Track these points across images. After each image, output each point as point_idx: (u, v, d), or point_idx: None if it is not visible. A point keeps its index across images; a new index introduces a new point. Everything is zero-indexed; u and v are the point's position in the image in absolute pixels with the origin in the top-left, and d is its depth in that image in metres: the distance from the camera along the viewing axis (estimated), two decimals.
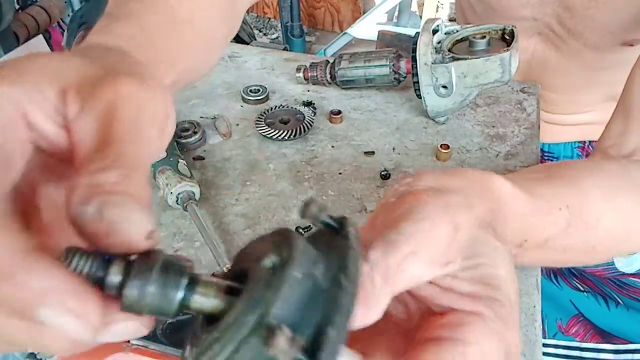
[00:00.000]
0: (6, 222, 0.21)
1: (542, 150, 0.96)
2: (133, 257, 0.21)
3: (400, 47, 1.14)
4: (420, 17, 2.77)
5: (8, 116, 0.23)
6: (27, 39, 2.05)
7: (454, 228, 0.27)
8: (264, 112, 0.83)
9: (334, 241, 0.25)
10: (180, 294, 0.21)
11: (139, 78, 0.25)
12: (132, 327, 0.21)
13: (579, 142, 0.95)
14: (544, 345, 0.90)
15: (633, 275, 0.88)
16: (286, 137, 0.79)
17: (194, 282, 0.22)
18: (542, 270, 0.92)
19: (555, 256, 0.45)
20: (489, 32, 0.78)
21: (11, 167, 0.22)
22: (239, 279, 0.23)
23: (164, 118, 0.26)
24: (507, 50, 0.72)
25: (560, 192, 0.43)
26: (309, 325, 0.21)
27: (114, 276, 0.21)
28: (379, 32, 2.16)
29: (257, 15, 3.18)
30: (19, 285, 0.19)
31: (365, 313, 0.25)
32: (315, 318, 0.21)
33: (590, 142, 0.95)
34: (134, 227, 0.20)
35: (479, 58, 0.73)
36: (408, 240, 0.26)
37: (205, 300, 0.22)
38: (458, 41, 0.80)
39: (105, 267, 0.21)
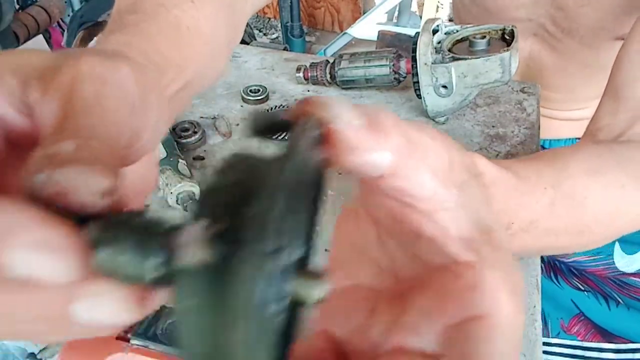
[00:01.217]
0: None
1: (542, 147, 0.96)
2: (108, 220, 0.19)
3: (400, 47, 1.14)
4: (420, 17, 2.78)
5: None
6: (27, 39, 2.05)
7: (449, 158, 0.24)
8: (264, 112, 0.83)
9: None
10: (156, 258, 0.18)
11: (103, 55, 0.24)
12: (111, 290, 0.19)
13: (578, 138, 0.95)
14: (549, 344, 0.90)
15: (633, 274, 0.88)
16: (286, 138, 0.79)
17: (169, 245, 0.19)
18: (542, 269, 0.93)
19: (548, 241, 0.44)
20: (489, 32, 0.78)
21: None
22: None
23: (135, 95, 0.24)
24: (507, 50, 0.72)
25: (545, 172, 0.42)
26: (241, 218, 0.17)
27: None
28: (379, 32, 2.16)
29: (257, 15, 3.18)
30: None
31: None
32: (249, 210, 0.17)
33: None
34: (85, 187, 0.19)
35: (479, 58, 0.73)
36: (416, 142, 0.23)
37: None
38: (458, 41, 0.80)
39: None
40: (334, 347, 0.25)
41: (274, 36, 3.09)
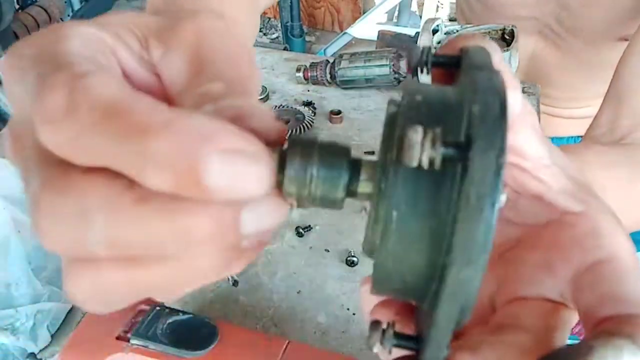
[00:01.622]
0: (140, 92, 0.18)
1: None
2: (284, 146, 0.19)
3: (400, 47, 1.14)
4: (420, 17, 2.77)
5: (100, 47, 0.22)
6: None
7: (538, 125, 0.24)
8: None
9: (464, 72, 0.20)
10: (346, 177, 0.19)
11: (216, 15, 0.25)
12: (275, 205, 0.18)
13: (581, 136, 0.95)
14: None
15: None
16: (286, 137, 0.79)
17: (356, 164, 0.19)
18: None
19: None
20: (489, 32, 0.78)
21: None
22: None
23: (249, 48, 0.25)
24: (507, 50, 0.72)
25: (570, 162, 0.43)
26: (455, 125, 0.18)
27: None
28: (379, 32, 2.16)
29: None
30: (179, 131, 0.16)
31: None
32: (460, 119, 0.18)
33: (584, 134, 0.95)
34: (266, 113, 0.19)
35: None
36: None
37: (369, 182, 0.19)
38: None
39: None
40: None
41: (274, 36, 3.09)
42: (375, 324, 0.20)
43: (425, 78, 0.26)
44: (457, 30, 0.80)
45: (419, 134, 0.16)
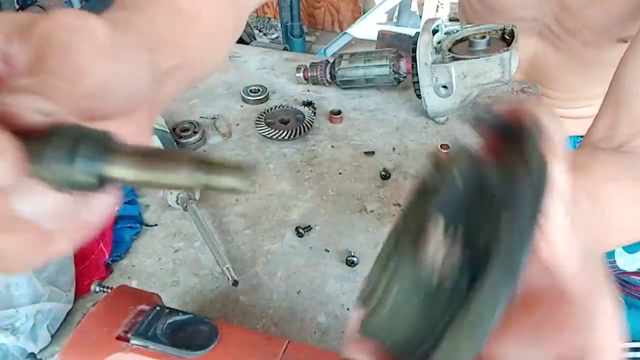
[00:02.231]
0: None
1: None
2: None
3: (400, 47, 1.14)
4: (420, 17, 2.77)
5: None
6: None
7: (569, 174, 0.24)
8: (264, 112, 0.83)
9: (515, 144, 0.21)
10: (81, 161, 0.21)
11: (79, 11, 0.27)
12: (49, 200, 0.22)
13: (580, 136, 0.96)
14: None
15: (634, 273, 0.88)
16: (286, 137, 0.79)
17: (104, 149, 0.21)
18: None
19: None
20: (489, 32, 0.78)
21: None
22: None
23: (105, 43, 0.26)
24: (507, 50, 0.72)
25: (580, 177, 0.43)
26: (480, 227, 0.18)
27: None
28: (379, 32, 2.16)
29: (257, 15, 3.18)
30: None
31: None
32: (488, 221, 0.18)
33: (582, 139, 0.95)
34: (26, 106, 0.21)
35: (479, 58, 0.73)
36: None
37: (120, 166, 0.21)
38: (458, 41, 0.80)
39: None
40: None
41: (274, 36, 3.09)
42: None
43: (425, 78, 0.26)
44: (457, 30, 0.80)
45: (439, 227, 0.17)
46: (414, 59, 0.77)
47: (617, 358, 0.23)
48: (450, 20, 2.62)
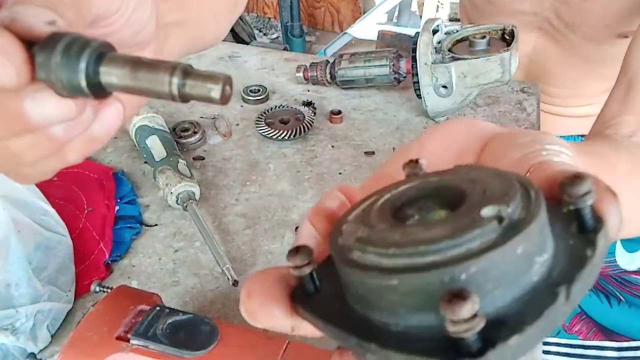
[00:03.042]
0: None
1: None
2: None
3: (400, 47, 1.13)
4: (420, 17, 2.77)
5: None
6: None
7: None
8: (264, 112, 0.83)
9: (576, 239, 0.20)
10: (82, 64, 0.22)
11: None
12: (54, 98, 0.23)
13: (582, 135, 0.95)
14: (548, 344, 0.90)
15: (635, 272, 0.88)
16: (286, 137, 0.79)
17: (101, 56, 0.23)
18: None
19: None
20: (489, 32, 0.78)
21: None
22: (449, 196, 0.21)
23: None
24: (507, 50, 0.72)
25: (596, 167, 0.43)
26: (502, 314, 0.17)
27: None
28: (379, 32, 2.16)
29: (257, 15, 3.18)
30: None
31: None
32: (511, 309, 0.17)
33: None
34: (32, 15, 0.23)
35: (479, 58, 0.73)
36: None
37: (113, 76, 0.23)
38: (458, 41, 0.80)
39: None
40: None
41: (274, 36, 3.09)
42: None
43: (425, 78, 0.27)
44: (457, 30, 0.80)
45: (469, 310, 0.16)
46: (414, 59, 0.77)
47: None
48: (450, 20, 2.62)
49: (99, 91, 0.23)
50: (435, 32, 0.78)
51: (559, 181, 0.20)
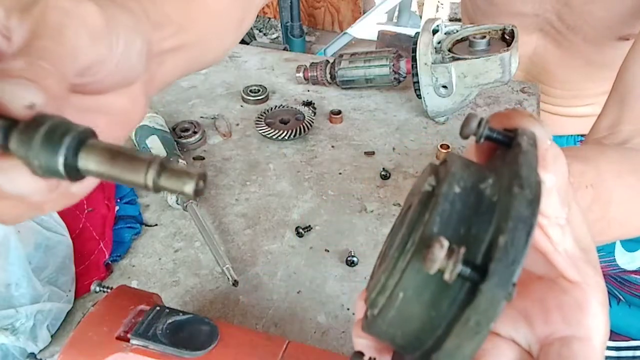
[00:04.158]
0: None
1: None
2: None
3: (400, 47, 1.14)
4: (420, 17, 2.77)
5: None
6: None
7: (567, 177, 0.26)
8: (264, 112, 0.83)
9: (507, 155, 0.23)
10: (62, 150, 0.23)
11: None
12: (27, 176, 0.23)
13: (580, 135, 0.96)
14: None
15: (634, 272, 0.88)
16: (286, 137, 0.79)
17: (81, 142, 0.23)
18: None
19: None
20: (489, 32, 0.78)
21: None
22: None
23: (97, 25, 0.28)
24: (507, 50, 0.72)
25: (585, 171, 0.44)
26: (479, 241, 0.20)
27: (12, 140, 0.23)
28: (379, 32, 2.16)
29: (257, 15, 3.18)
30: None
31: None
32: (486, 233, 0.20)
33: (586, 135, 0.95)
34: (10, 100, 0.23)
35: (479, 58, 0.73)
36: (557, 165, 0.25)
37: (90, 162, 0.23)
38: (458, 41, 0.80)
39: None
40: None
41: (274, 36, 3.09)
42: (357, 355, 0.23)
43: (425, 78, 0.28)
44: (457, 30, 0.80)
45: (443, 250, 0.18)
46: (414, 59, 0.77)
47: (598, 352, 0.24)
48: (450, 20, 2.62)
49: (74, 175, 0.24)
50: (435, 32, 0.78)
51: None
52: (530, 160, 0.21)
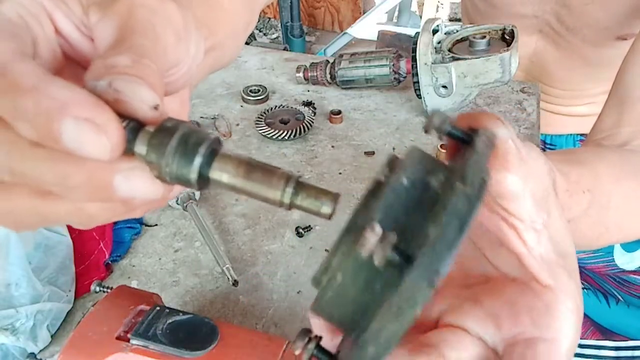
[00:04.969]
0: (29, 58, 0.22)
1: (543, 142, 0.97)
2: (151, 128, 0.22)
3: (400, 47, 1.14)
4: (420, 17, 2.77)
5: (33, 11, 0.25)
6: None
7: (549, 185, 0.26)
8: (264, 112, 0.83)
9: (465, 153, 0.23)
10: (198, 159, 0.22)
11: None
12: (147, 180, 0.22)
13: (581, 134, 0.96)
14: None
15: (633, 272, 0.88)
16: (286, 137, 0.79)
17: (213, 152, 0.23)
18: None
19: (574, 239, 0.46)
20: (489, 32, 0.78)
21: (38, 52, 0.25)
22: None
23: (180, 26, 0.28)
24: (507, 50, 0.72)
25: (583, 175, 0.44)
26: (415, 232, 0.20)
27: (139, 143, 0.22)
28: (379, 32, 2.16)
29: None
30: (43, 95, 0.20)
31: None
32: (423, 225, 0.20)
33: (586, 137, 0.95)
34: (138, 97, 0.22)
35: (479, 58, 0.73)
36: (530, 168, 0.25)
37: (224, 174, 0.23)
38: (458, 41, 0.80)
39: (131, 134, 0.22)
40: None
41: (274, 36, 3.09)
42: (304, 331, 0.23)
43: (425, 78, 0.29)
44: (457, 30, 0.80)
45: (375, 235, 0.19)
46: (414, 59, 0.77)
47: (564, 356, 0.24)
48: (450, 20, 2.62)
49: (203, 184, 0.23)
50: (435, 32, 0.78)
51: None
52: (479, 158, 0.22)
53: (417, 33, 0.77)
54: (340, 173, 0.75)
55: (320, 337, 0.24)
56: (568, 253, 0.26)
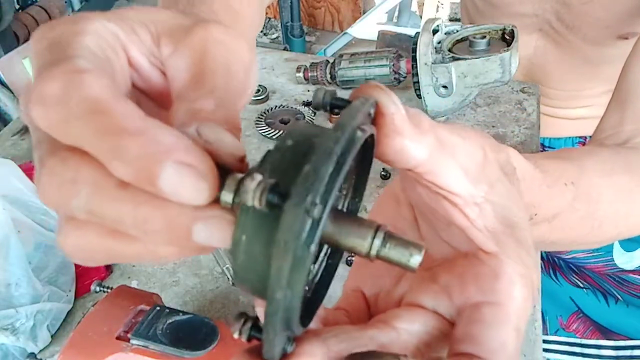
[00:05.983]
0: (126, 97, 0.22)
1: (542, 144, 0.96)
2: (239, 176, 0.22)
3: (400, 47, 1.14)
4: (420, 17, 2.77)
5: (112, 43, 0.25)
6: (27, 39, 2.05)
7: (482, 156, 0.27)
8: (264, 112, 0.83)
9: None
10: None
11: (225, 27, 0.28)
12: (227, 228, 0.22)
13: (580, 137, 0.95)
14: (547, 342, 0.90)
15: (632, 271, 0.88)
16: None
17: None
18: (541, 267, 0.93)
19: (562, 234, 0.46)
20: (489, 32, 0.78)
21: (117, 84, 0.25)
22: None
23: (248, 62, 0.28)
24: (507, 50, 0.72)
25: (566, 169, 0.44)
26: (294, 175, 0.21)
27: (227, 191, 0.22)
28: (379, 32, 2.16)
29: None
30: (149, 139, 0.20)
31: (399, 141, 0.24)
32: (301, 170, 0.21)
33: (591, 137, 0.95)
34: (226, 149, 0.22)
35: (479, 58, 0.73)
36: (447, 142, 0.25)
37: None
38: (458, 41, 0.80)
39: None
40: (364, 304, 0.29)
41: (274, 36, 3.09)
42: (240, 315, 0.24)
43: (425, 78, 0.29)
44: (457, 30, 0.80)
45: (254, 181, 0.20)
46: (414, 59, 0.77)
47: (512, 319, 0.24)
48: (450, 20, 2.62)
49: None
50: (435, 32, 0.78)
51: None
52: (351, 111, 0.22)
53: (417, 33, 0.77)
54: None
55: (257, 318, 0.24)
56: (515, 222, 0.27)
